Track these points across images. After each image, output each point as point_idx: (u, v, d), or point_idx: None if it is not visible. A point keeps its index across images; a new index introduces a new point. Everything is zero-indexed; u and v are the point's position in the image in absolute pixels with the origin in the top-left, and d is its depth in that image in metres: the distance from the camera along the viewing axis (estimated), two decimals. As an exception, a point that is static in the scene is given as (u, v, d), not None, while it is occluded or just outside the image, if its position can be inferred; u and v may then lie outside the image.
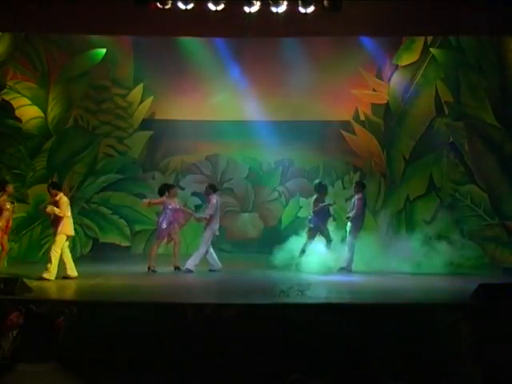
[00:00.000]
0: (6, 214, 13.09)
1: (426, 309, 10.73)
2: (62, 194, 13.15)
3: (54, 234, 13.08)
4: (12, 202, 13.37)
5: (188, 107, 17.08)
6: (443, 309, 10.57)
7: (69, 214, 13.04)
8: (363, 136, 17.41)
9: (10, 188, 13.32)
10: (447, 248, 16.05)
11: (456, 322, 10.10)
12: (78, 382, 4.34)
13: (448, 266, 15.38)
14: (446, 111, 16.28)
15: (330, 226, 14.78)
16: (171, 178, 17.58)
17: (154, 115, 17.63)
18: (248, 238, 15.80)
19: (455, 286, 12.71)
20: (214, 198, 14.29)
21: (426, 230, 16.22)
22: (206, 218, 14.26)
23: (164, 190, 14.39)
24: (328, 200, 14.90)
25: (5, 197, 13.13)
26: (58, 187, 13.37)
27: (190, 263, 14.18)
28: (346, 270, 14.37)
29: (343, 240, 14.72)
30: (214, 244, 14.70)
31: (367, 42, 16.40)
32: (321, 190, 14.75)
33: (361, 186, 14.94)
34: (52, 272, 12.85)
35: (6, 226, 13.22)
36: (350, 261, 14.43)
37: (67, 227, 13.04)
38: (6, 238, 13.30)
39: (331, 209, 15.04)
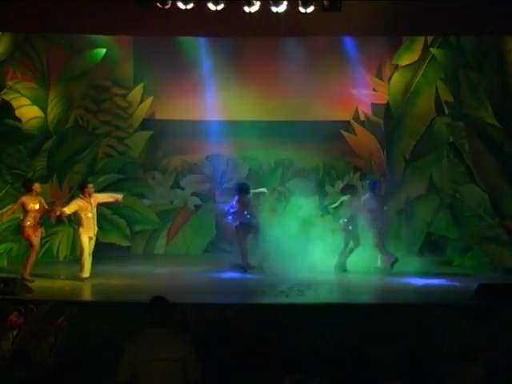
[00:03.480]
0: (32, 212, 13.08)
1: (426, 309, 10.74)
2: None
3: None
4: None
5: (188, 107, 17.04)
6: (443, 309, 10.58)
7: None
8: (363, 136, 17.38)
9: (37, 187, 13.33)
10: (447, 248, 16.11)
11: (456, 322, 10.11)
12: (185, 340, 6.29)
13: (448, 266, 15.43)
14: (446, 111, 16.27)
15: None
16: (171, 178, 17.59)
17: (154, 115, 17.60)
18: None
19: (455, 286, 12.72)
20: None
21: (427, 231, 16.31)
22: None
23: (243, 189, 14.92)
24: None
25: (29, 195, 13.12)
26: None
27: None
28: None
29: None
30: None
31: (367, 41, 16.38)
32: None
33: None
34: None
35: (35, 225, 13.20)
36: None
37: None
38: (34, 235, 13.26)
39: None
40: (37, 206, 13.12)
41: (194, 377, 6.18)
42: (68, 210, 13.38)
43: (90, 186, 13.67)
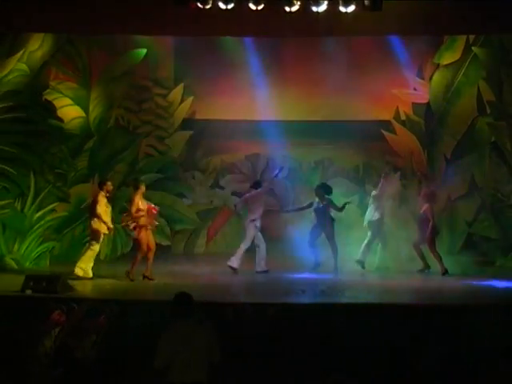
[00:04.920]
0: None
1: (468, 310, 10.64)
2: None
3: None
4: None
5: (228, 107, 17.08)
6: (485, 310, 10.48)
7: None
8: (404, 135, 17.27)
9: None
10: (489, 248, 15.96)
11: (497, 322, 10.01)
12: (209, 329, 7.02)
13: (490, 266, 15.29)
14: (488, 110, 16.13)
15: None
16: (211, 178, 17.65)
17: (194, 115, 17.67)
18: (288, 237, 15.75)
19: (497, 287, 12.60)
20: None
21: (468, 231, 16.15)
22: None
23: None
24: None
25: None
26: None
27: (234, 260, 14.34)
28: None
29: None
30: (254, 243, 14.68)
31: (408, 40, 16.27)
32: None
33: None
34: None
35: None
36: None
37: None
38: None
39: None
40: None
41: (215, 361, 6.92)
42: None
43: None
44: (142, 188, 13.42)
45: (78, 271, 13.11)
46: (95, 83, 16.59)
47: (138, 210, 13.11)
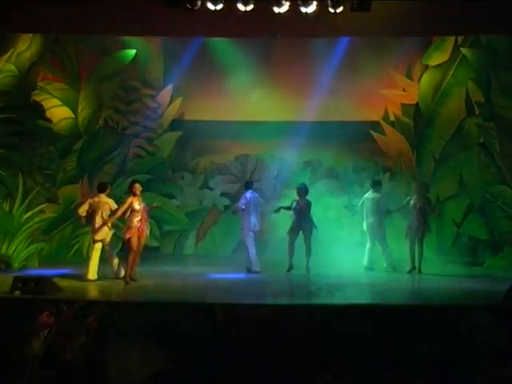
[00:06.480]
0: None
1: (457, 310, 10.66)
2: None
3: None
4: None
5: (217, 108, 17.09)
6: (475, 310, 10.50)
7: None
8: (393, 136, 17.30)
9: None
10: (478, 249, 15.98)
11: (487, 323, 10.03)
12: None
13: (479, 266, 15.32)
14: (477, 111, 16.17)
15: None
16: (200, 179, 17.63)
17: (183, 116, 17.65)
18: (277, 238, 15.75)
19: (486, 287, 12.61)
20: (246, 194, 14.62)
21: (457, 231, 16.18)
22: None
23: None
24: None
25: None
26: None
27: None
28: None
29: None
30: (244, 244, 14.67)
31: (397, 41, 16.29)
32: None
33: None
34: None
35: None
36: None
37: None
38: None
39: None
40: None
41: None
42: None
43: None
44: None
45: (94, 276, 13.06)
46: (84, 84, 16.57)
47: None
